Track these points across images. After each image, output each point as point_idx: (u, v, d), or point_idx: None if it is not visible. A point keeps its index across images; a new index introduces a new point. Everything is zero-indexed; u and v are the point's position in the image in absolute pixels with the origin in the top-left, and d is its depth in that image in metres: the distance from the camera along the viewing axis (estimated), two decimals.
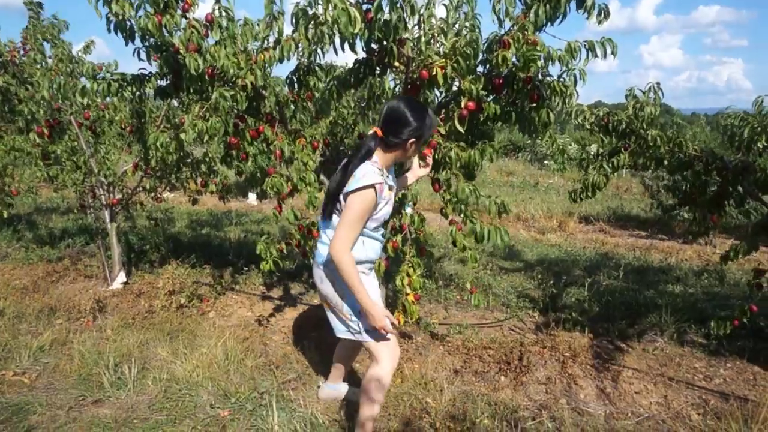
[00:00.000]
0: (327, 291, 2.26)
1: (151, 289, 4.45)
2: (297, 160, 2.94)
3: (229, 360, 3.17)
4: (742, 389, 3.03)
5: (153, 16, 2.62)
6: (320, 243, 2.27)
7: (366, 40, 2.52)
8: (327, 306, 2.33)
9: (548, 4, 2.44)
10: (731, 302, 4.27)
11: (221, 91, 2.67)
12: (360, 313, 2.18)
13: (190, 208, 8.34)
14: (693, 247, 6.99)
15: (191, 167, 4.23)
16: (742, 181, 3.05)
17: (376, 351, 2.24)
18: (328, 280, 2.24)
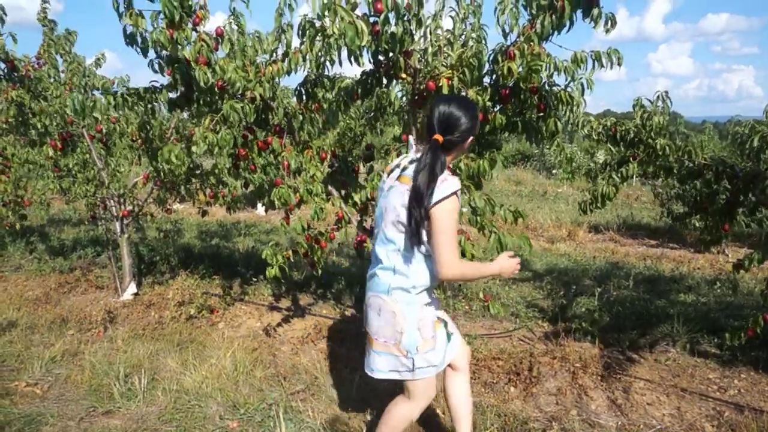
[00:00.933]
0: (383, 324, 2.01)
1: (161, 300, 4.48)
2: (305, 171, 2.96)
3: (238, 371, 3.18)
4: (757, 401, 2.98)
5: (165, 29, 2.67)
6: (380, 269, 2.02)
7: (373, 52, 2.55)
8: (373, 342, 2.08)
9: (553, 14, 2.45)
10: (745, 312, 4.21)
11: (232, 103, 2.70)
12: (417, 349, 1.99)
13: (200, 220, 8.39)
14: (705, 255, 6.91)
15: (200, 179, 4.27)
16: (753, 189, 3.03)
17: (418, 390, 2.08)
18: (389, 310, 1.99)
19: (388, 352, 2.04)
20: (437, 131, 1.92)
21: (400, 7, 2.34)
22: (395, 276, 1.98)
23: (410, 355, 2.00)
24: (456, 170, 2.56)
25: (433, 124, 1.93)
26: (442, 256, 1.85)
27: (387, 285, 1.99)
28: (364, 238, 3.24)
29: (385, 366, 2.07)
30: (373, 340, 2.07)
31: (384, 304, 2.00)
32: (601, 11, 2.42)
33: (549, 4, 2.45)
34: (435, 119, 1.93)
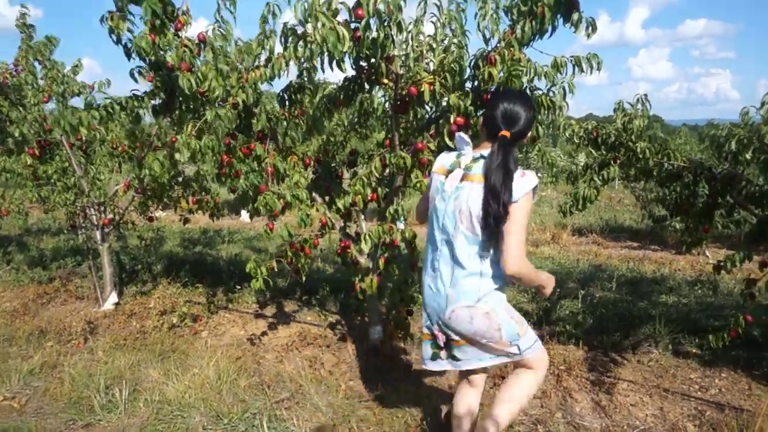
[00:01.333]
0: (478, 328, 1.95)
1: (143, 310, 4.42)
2: (289, 177, 2.94)
3: (221, 380, 3.13)
4: (738, 399, 3.03)
5: (147, 35, 2.64)
6: (465, 277, 1.95)
7: (355, 58, 2.55)
8: (468, 342, 2.01)
9: (533, 20, 2.47)
10: (725, 312, 4.27)
11: (216, 110, 2.68)
12: (518, 335, 1.99)
13: (182, 227, 8.31)
14: (686, 257, 7.02)
15: (183, 186, 4.22)
16: (730, 191, 3.08)
17: (538, 360, 2.10)
18: (482, 314, 1.94)
19: (491, 349, 2.01)
20: (503, 127, 1.90)
21: (380, 12, 2.35)
22: (482, 279, 1.94)
23: (514, 342, 1.99)
24: None
25: (497, 120, 1.91)
26: (513, 250, 1.83)
27: (476, 293, 1.94)
28: (348, 244, 3.23)
29: (487, 356, 2.04)
30: (468, 340, 2.02)
31: (475, 311, 1.94)
32: (582, 16, 2.45)
33: (529, 10, 2.48)
34: (499, 115, 1.91)
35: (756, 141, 2.62)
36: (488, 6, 2.54)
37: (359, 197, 2.93)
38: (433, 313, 2.08)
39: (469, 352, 2.03)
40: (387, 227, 2.82)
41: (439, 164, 2.07)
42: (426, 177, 2.67)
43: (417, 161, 2.69)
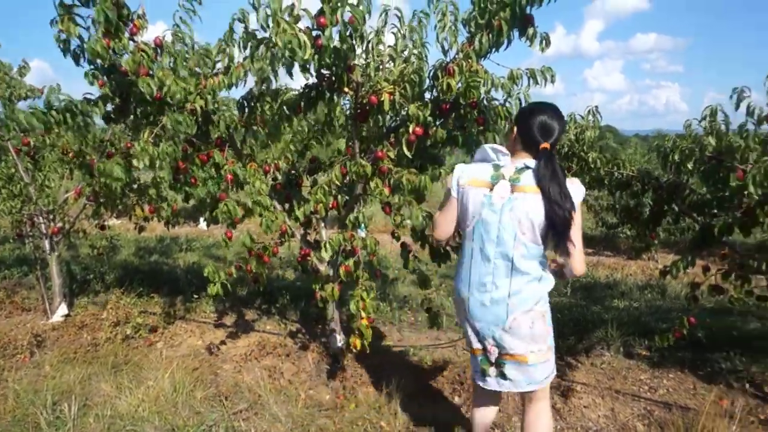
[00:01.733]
0: (539, 329, 1.99)
1: (95, 321, 4.27)
2: (249, 184, 2.91)
3: (177, 392, 3.05)
4: (684, 399, 3.16)
5: (101, 38, 2.57)
6: (526, 284, 1.97)
7: (316, 66, 2.55)
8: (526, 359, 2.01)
9: (491, 32, 2.54)
10: (672, 315, 4.46)
11: (173, 116, 2.63)
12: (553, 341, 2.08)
13: (138, 235, 8.08)
14: (637, 262, 7.31)
15: (138, 193, 4.11)
16: (675, 200, 3.23)
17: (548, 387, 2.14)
18: (539, 316, 2.00)
19: (543, 360, 2.03)
20: (542, 139, 1.94)
21: (344, 22, 2.37)
22: (540, 284, 2.00)
23: (552, 349, 2.09)
24: (399, 185, 2.60)
25: (534, 132, 1.94)
26: (580, 254, 1.93)
27: (536, 296, 1.99)
28: (308, 252, 3.22)
29: (541, 375, 2.05)
30: (526, 356, 2.00)
31: (534, 314, 1.99)
32: (536, 31, 2.53)
33: (486, 23, 2.54)
34: (536, 128, 1.94)
35: (698, 152, 2.76)
36: (447, 18, 2.60)
37: (320, 205, 2.93)
38: (486, 327, 2.03)
39: (520, 373, 2.04)
40: (347, 235, 2.82)
41: (472, 177, 2.02)
42: (386, 186, 2.69)
43: (377, 169, 2.71)
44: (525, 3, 2.45)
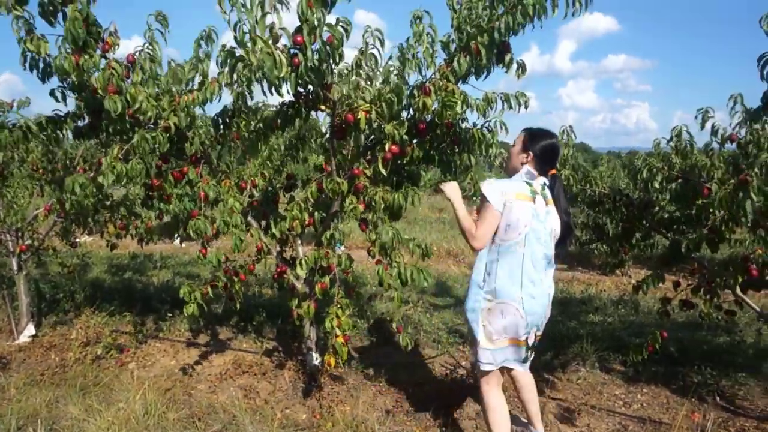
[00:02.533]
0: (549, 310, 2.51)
1: (64, 341, 4.16)
2: (222, 201, 2.89)
3: (148, 414, 2.97)
4: (657, 413, 3.20)
5: (70, 55, 2.54)
6: (550, 285, 2.46)
7: (293, 84, 2.56)
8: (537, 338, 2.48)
9: (468, 55, 2.59)
10: (646, 329, 4.53)
11: (142, 133, 2.60)
12: None
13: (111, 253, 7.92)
14: (611, 278, 7.41)
15: (110, 210, 4.04)
16: (646, 216, 3.30)
17: None
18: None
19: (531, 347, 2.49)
20: (552, 166, 2.44)
21: (322, 41, 2.38)
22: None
23: None
24: (371, 202, 2.61)
25: (550, 158, 2.42)
26: None
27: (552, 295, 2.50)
28: (284, 269, 3.19)
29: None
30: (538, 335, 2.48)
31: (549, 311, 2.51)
32: (513, 58, 2.59)
33: (464, 46, 2.59)
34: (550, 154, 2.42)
35: (666, 170, 2.83)
36: (425, 39, 2.64)
37: (296, 222, 2.92)
38: (537, 318, 2.40)
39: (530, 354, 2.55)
40: (323, 252, 2.81)
41: (516, 192, 2.32)
42: (361, 203, 2.70)
43: (353, 187, 2.72)
44: (503, 30, 2.51)
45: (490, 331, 2.37)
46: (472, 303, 2.43)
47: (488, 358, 2.41)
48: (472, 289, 2.44)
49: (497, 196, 2.29)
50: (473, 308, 2.42)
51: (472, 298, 2.42)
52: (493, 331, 2.37)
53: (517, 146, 2.47)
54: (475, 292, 2.41)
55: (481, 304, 2.39)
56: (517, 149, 2.46)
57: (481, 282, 2.39)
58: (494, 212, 2.29)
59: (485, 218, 2.32)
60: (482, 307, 2.38)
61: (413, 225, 12.05)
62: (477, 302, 2.40)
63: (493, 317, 2.36)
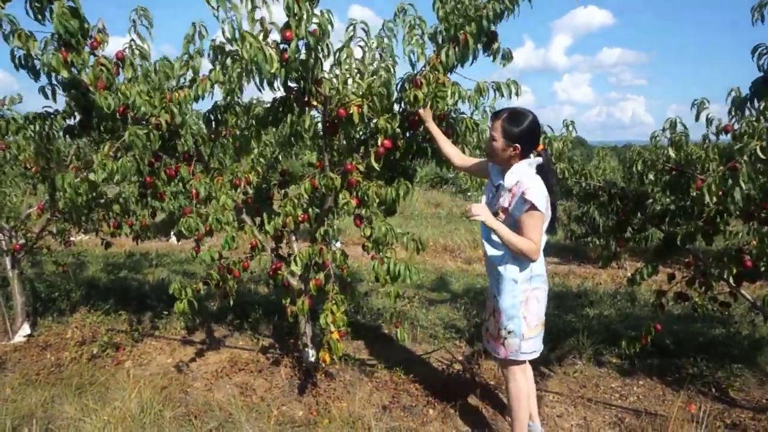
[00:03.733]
0: None
1: (60, 341, 4.15)
2: (215, 199, 2.87)
3: (145, 412, 2.97)
4: (653, 405, 3.21)
5: (58, 53, 2.52)
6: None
7: (283, 80, 2.55)
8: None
9: (457, 46, 2.58)
10: (642, 322, 4.53)
11: (134, 129, 2.58)
12: None
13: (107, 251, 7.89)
14: (607, 271, 7.41)
15: (104, 208, 4.02)
16: (640, 209, 3.30)
17: None
18: None
19: None
20: (538, 143, 2.39)
21: (310, 35, 2.37)
22: None
23: None
24: (364, 197, 2.60)
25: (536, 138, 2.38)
26: None
27: None
28: (279, 265, 3.18)
29: None
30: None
31: None
32: (500, 46, 2.58)
33: (453, 37, 2.58)
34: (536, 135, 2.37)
35: (660, 163, 2.83)
36: (414, 32, 2.63)
37: (290, 218, 2.91)
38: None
39: None
40: (318, 248, 2.80)
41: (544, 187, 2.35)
42: (355, 199, 2.69)
43: (346, 182, 2.71)
44: (491, 17, 2.50)
45: (531, 319, 2.45)
46: (510, 300, 2.43)
47: (531, 347, 2.50)
48: (505, 286, 2.42)
49: (543, 202, 2.27)
50: (513, 304, 2.43)
51: (509, 294, 2.43)
52: (533, 318, 2.45)
53: (499, 141, 2.32)
54: (510, 288, 2.42)
55: (519, 298, 2.42)
56: (500, 144, 2.32)
57: (517, 276, 2.41)
58: (542, 217, 2.30)
59: (537, 227, 2.29)
60: (521, 300, 2.43)
61: (409, 220, 12.04)
62: (515, 297, 2.42)
63: (531, 306, 2.44)
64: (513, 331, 2.44)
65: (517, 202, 2.29)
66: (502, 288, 2.44)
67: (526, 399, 2.59)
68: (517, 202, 2.29)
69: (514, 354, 2.48)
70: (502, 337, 2.49)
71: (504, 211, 2.34)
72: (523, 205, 2.26)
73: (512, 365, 2.54)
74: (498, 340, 2.52)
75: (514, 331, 2.44)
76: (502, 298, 2.44)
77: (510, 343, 2.47)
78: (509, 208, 2.32)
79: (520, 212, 2.27)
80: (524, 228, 2.28)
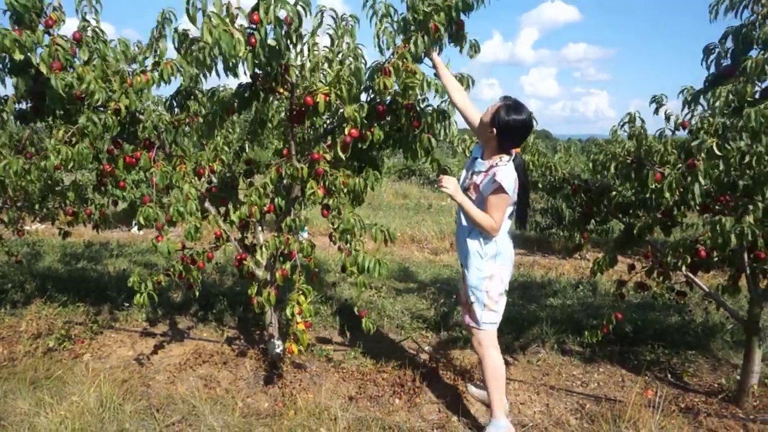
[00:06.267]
0: None
1: (13, 334, 3.99)
2: (177, 188, 2.79)
3: (104, 407, 2.89)
4: (613, 391, 3.31)
5: (10, 31, 2.39)
6: None
7: (250, 65, 2.49)
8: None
9: (426, 35, 2.57)
10: (602, 311, 4.65)
11: (89, 115, 2.48)
12: None
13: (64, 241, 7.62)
14: (570, 261, 7.58)
15: (60, 196, 3.87)
16: (603, 201, 3.37)
17: None
18: None
19: None
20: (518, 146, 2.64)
21: (279, 20, 2.32)
22: None
23: None
24: (332, 187, 2.57)
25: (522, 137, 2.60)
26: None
27: None
28: (244, 256, 3.13)
29: None
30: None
31: None
32: (467, 37, 2.59)
33: (422, 26, 2.57)
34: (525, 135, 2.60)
35: (621, 156, 2.90)
36: (383, 21, 2.60)
37: (256, 208, 2.85)
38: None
39: None
40: (284, 238, 2.77)
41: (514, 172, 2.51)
42: (322, 188, 2.66)
43: (313, 172, 2.68)
44: (460, 7, 2.49)
45: (493, 294, 2.61)
46: (476, 273, 2.60)
47: (493, 318, 2.65)
48: (472, 260, 2.59)
49: (512, 186, 2.45)
50: (479, 278, 2.60)
51: (474, 268, 2.60)
52: (494, 293, 2.61)
53: (487, 117, 2.51)
54: (476, 262, 2.59)
55: (484, 273, 2.58)
56: (487, 121, 2.51)
57: (481, 250, 2.58)
58: (508, 200, 2.48)
59: (501, 208, 2.49)
60: (486, 275, 2.58)
61: (377, 211, 12.03)
62: (480, 271, 2.59)
63: (495, 283, 2.60)
64: (476, 302, 2.63)
65: (487, 182, 2.48)
66: (469, 262, 2.62)
67: (503, 377, 2.71)
68: (488, 181, 2.48)
69: (478, 323, 2.65)
70: (467, 305, 2.67)
71: (476, 188, 2.53)
72: (491, 185, 2.44)
73: (480, 337, 2.67)
74: (465, 307, 2.72)
75: (477, 302, 2.61)
76: (469, 272, 2.62)
77: (474, 312, 2.65)
78: (480, 186, 2.52)
79: (488, 191, 2.45)
80: (489, 206, 2.48)
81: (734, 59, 2.71)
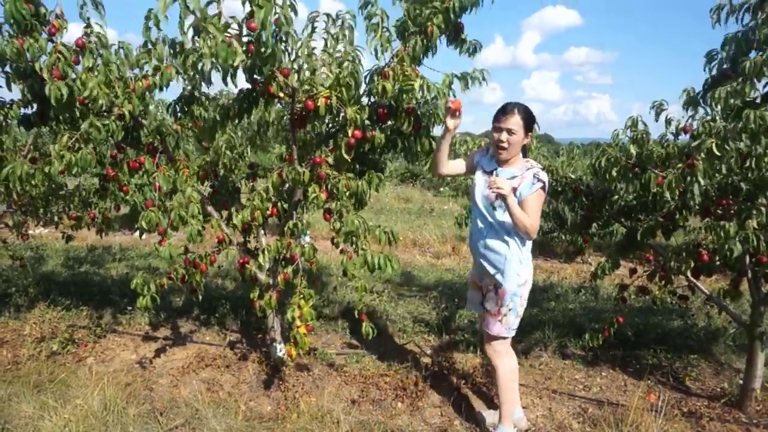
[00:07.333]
0: None
1: (17, 338, 4.01)
2: (180, 192, 2.81)
3: (107, 410, 2.90)
4: (615, 396, 3.30)
5: (12, 39, 2.41)
6: None
7: (248, 71, 2.51)
8: None
9: (424, 38, 2.58)
10: (604, 315, 4.65)
11: (92, 120, 2.49)
12: None
13: (68, 245, 7.64)
14: (572, 265, 7.57)
15: (64, 200, 3.89)
16: (605, 205, 3.38)
17: None
18: None
19: None
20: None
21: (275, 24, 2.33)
22: None
23: None
24: (334, 191, 2.58)
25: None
26: None
27: None
28: (247, 259, 3.14)
29: None
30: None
31: None
32: (465, 38, 2.61)
33: (420, 29, 2.58)
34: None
35: (623, 160, 2.90)
36: (382, 25, 2.62)
37: (258, 212, 2.87)
38: None
39: None
40: (286, 242, 2.78)
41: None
42: (324, 192, 2.67)
43: (315, 175, 2.69)
44: (458, 10, 2.51)
45: (524, 299, 2.66)
46: (515, 280, 2.58)
47: (517, 323, 2.68)
48: (510, 266, 2.56)
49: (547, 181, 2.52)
50: (517, 284, 2.59)
51: (513, 274, 2.57)
52: (525, 299, 2.66)
53: (519, 134, 2.49)
54: (515, 268, 2.57)
55: (522, 278, 2.59)
56: (519, 138, 2.50)
57: (522, 257, 2.59)
58: (544, 199, 2.54)
59: (540, 208, 2.51)
60: (522, 281, 2.60)
61: (379, 215, 12.03)
62: (519, 277, 2.59)
63: (527, 288, 2.65)
64: (512, 308, 2.61)
65: (527, 182, 2.47)
66: (507, 268, 2.57)
67: (516, 381, 2.74)
68: (527, 182, 2.47)
69: (507, 330, 2.65)
70: (502, 314, 2.62)
71: (512, 191, 2.48)
72: (534, 185, 2.45)
73: (499, 346, 2.68)
74: (496, 317, 2.64)
75: (513, 309, 2.61)
76: (506, 278, 2.57)
77: (507, 320, 2.63)
78: (518, 188, 2.48)
79: (529, 191, 2.46)
80: (528, 207, 2.46)
81: (734, 63, 2.72)
